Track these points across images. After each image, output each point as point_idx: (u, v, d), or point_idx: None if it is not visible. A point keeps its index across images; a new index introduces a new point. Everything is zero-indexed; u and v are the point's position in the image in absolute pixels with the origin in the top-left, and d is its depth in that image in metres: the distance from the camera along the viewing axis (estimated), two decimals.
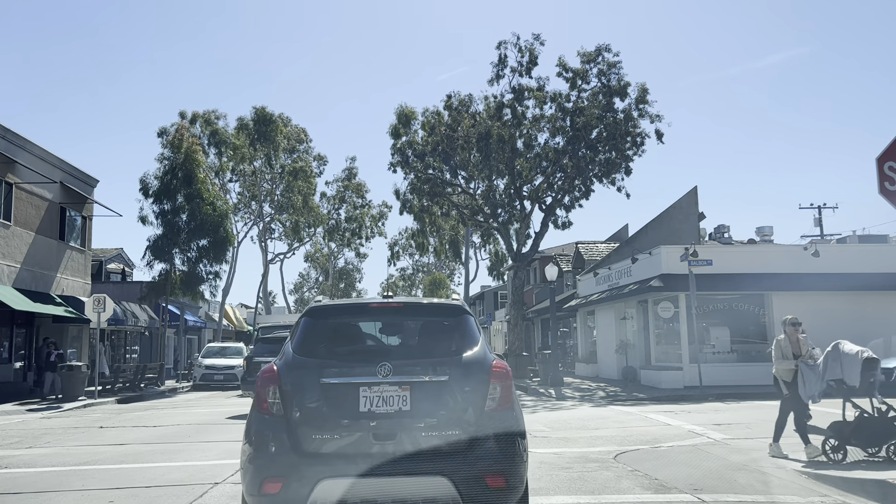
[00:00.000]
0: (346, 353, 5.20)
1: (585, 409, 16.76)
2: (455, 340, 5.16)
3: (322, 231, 57.13)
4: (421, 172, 30.20)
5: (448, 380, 4.78)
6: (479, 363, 4.93)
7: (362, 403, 4.69)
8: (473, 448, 4.62)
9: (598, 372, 28.25)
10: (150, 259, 30.22)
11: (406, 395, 4.71)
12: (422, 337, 5.49)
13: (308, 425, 4.65)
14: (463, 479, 4.46)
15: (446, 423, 4.68)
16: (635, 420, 13.89)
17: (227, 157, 40.43)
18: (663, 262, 22.10)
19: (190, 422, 15.66)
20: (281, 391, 4.74)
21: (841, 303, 21.39)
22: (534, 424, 13.52)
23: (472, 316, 5.41)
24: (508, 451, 4.68)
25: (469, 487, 4.47)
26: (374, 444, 4.60)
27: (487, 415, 4.73)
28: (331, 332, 5.35)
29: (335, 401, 4.70)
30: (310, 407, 4.71)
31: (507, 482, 4.59)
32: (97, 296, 22.33)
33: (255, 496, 4.56)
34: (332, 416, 4.66)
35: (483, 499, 4.52)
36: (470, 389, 4.78)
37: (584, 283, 30.32)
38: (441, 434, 4.64)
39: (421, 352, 5.22)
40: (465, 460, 4.56)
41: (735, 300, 22.47)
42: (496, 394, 4.80)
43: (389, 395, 4.70)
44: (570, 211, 29.62)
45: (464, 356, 4.98)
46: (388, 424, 4.64)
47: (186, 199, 29.74)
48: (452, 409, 4.73)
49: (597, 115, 26.65)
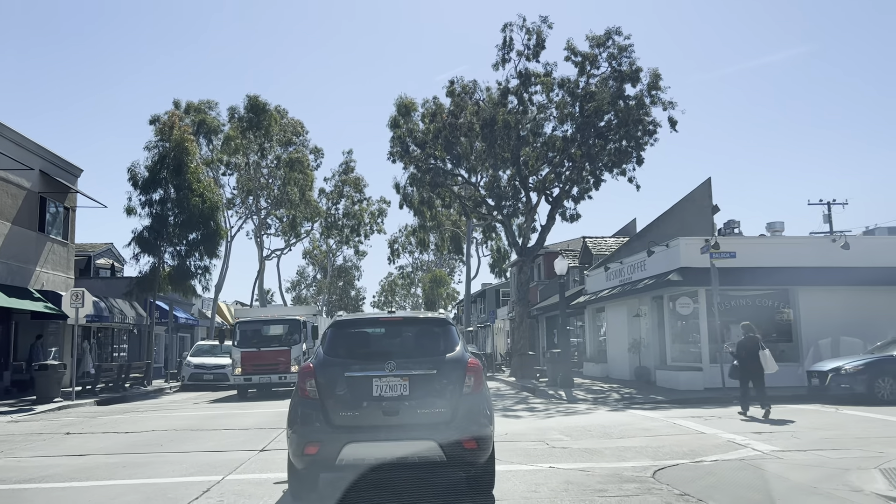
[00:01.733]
0: (362, 354, 6.80)
1: (602, 413, 15.29)
2: (441, 344, 6.87)
3: (320, 227, 55.63)
4: (422, 162, 28.68)
5: (436, 373, 6.52)
6: (458, 360, 6.66)
7: (374, 390, 6.39)
8: (454, 421, 6.33)
9: (607, 372, 26.77)
10: (136, 252, 28.68)
11: (406, 384, 6.41)
12: (416, 342, 7.07)
13: (336, 405, 6.35)
14: (446, 443, 6.17)
15: (434, 403, 6.41)
16: (663, 427, 12.41)
17: (220, 149, 38.82)
18: (682, 254, 20.62)
19: (167, 427, 14.18)
20: (317, 382, 6.45)
21: (873, 298, 19.93)
22: (550, 432, 12.05)
23: (453, 325, 7.20)
24: (479, 423, 6.41)
25: (451, 449, 6.19)
26: (383, 418, 6.31)
27: (464, 397, 6.44)
28: (351, 339, 7.03)
29: (355, 388, 6.41)
30: (337, 393, 6.41)
31: (478, 445, 6.33)
32: (75, 290, 20.85)
33: (299, 457, 6.32)
34: (353, 399, 6.38)
35: (460, 457, 6.31)
36: (451, 379, 6.50)
37: (594, 278, 28.83)
38: (431, 411, 6.38)
39: (416, 353, 6.80)
40: (447, 429, 6.25)
41: (758, 296, 20.98)
42: (470, 382, 6.52)
43: (394, 384, 6.41)
44: (578, 202, 28.14)
45: (447, 356, 6.71)
46: (393, 404, 6.35)
47: (176, 190, 28.22)
48: (439, 394, 6.45)
49: (608, 100, 25.11)
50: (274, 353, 22.62)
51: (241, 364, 22.64)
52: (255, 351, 22.71)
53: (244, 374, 22.47)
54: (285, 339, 23.22)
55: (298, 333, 23.32)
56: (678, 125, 27.13)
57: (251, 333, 23.54)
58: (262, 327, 23.99)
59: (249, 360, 22.52)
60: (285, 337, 23.30)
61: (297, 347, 22.97)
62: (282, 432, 10.96)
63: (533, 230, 29.59)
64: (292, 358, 22.64)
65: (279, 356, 22.60)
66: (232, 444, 11.49)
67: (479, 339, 54.07)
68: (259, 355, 22.59)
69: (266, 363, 22.44)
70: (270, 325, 24.10)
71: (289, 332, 23.36)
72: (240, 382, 22.76)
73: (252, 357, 22.57)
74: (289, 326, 23.52)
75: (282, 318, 24.28)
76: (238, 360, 22.82)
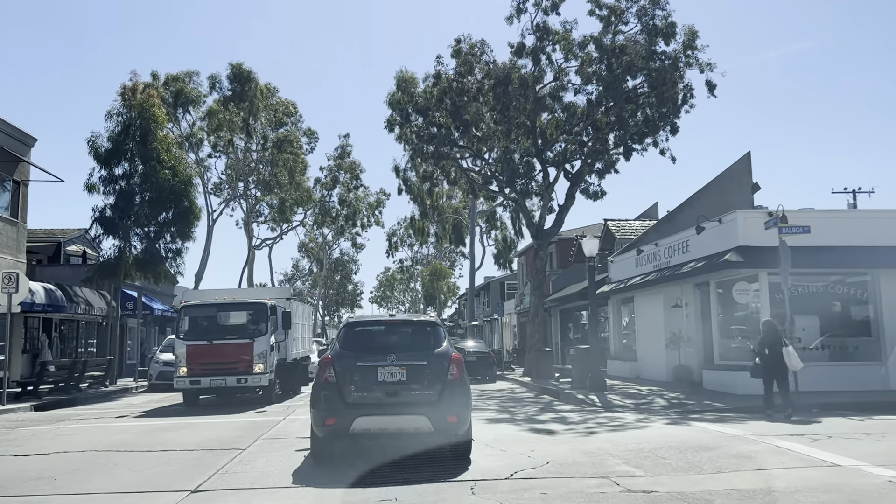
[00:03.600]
0: (370, 347, 8.91)
1: (661, 427, 11.81)
2: (431, 341, 9.00)
3: (313, 214, 52.08)
4: (423, 130, 25.11)
5: (426, 363, 8.63)
6: (444, 354, 8.78)
7: (379, 376, 8.47)
8: (440, 401, 8.41)
9: (637, 372, 23.29)
10: (98, 234, 25.13)
11: (403, 372, 8.50)
12: (411, 339, 9.16)
13: (349, 388, 8.44)
14: (434, 418, 8.28)
15: (425, 387, 8.50)
16: (764, 453, 8.91)
17: (201, 125, 35.22)
18: (739, 230, 17.11)
19: (89, 446, 10.66)
20: (334, 370, 8.52)
21: None
22: (608, 460, 8.55)
23: (441, 326, 9.41)
24: (460, 402, 8.50)
25: (438, 422, 8.30)
26: (385, 398, 8.43)
27: (448, 383, 8.52)
28: (360, 336, 9.20)
29: (364, 375, 8.49)
30: (350, 378, 8.48)
31: (458, 419, 8.44)
32: (7, 272, 17.33)
33: (320, 427, 8.51)
34: (362, 383, 8.46)
35: (445, 429, 8.40)
36: (438, 368, 8.60)
37: (620, 264, 25.29)
38: (422, 393, 8.47)
39: (411, 347, 8.88)
40: (435, 407, 8.35)
41: (828, 281, 17.51)
42: (453, 371, 8.59)
43: (394, 371, 8.48)
44: (603, 177, 24.63)
45: (435, 350, 8.83)
46: (393, 387, 8.46)
47: (143, 162, 24.67)
48: (428, 379, 8.54)
49: (644, 54, 21.55)
50: (232, 348, 17.17)
51: (186, 362, 17.08)
52: (207, 345, 17.21)
53: (191, 374, 17.04)
54: (247, 329, 17.58)
55: (265, 322, 17.68)
56: (717, 90, 23.70)
57: (202, 322, 17.91)
58: (218, 314, 18.08)
59: (198, 357, 17.06)
60: (247, 327, 17.63)
61: (262, 340, 17.43)
62: (238, 454, 9.63)
63: (550, 210, 26.09)
64: (255, 354, 17.18)
65: (239, 352, 17.10)
66: (158, 478, 8.05)
67: (486, 334, 50.48)
68: (212, 350, 17.10)
69: (221, 361, 17.06)
70: (229, 311, 18.19)
71: (252, 320, 17.69)
72: (185, 386, 17.24)
73: (202, 353, 17.07)
74: (252, 313, 17.78)
75: (243, 303, 18.43)
76: (183, 357, 17.21)
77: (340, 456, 8.89)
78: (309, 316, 27.23)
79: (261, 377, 17.22)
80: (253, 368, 17.12)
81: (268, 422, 13.66)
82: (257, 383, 17.27)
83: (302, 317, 23.37)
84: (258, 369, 17.19)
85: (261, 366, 17.23)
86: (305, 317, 25.08)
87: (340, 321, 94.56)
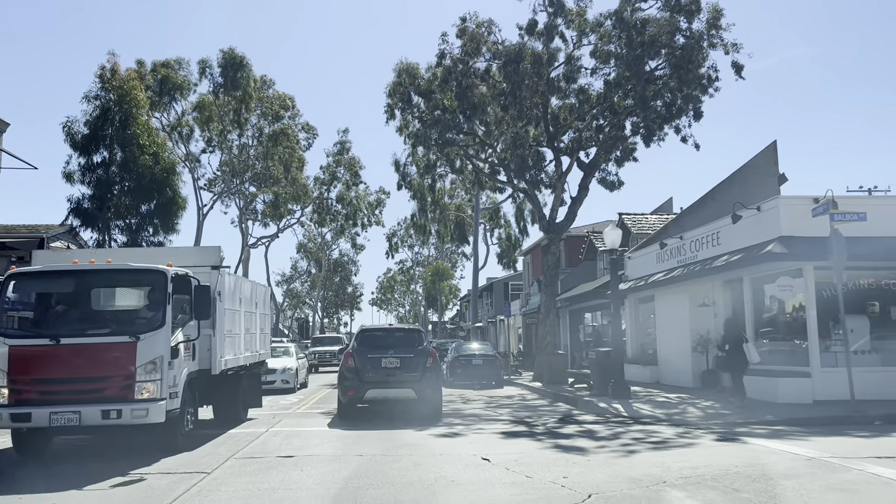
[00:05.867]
0: (376, 345, 14.23)
1: (711, 445, 9.94)
2: (416, 341, 14.47)
3: (311, 211, 50.22)
4: (427, 114, 23.25)
5: (413, 356, 13.93)
6: (425, 350, 14.21)
7: (382, 363, 13.82)
8: (422, 379, 13.73)
9: (657, 376, 21.42)
10: (74, 225, 23.30)
11: (398, 361, 13.83)
12: (404, 340, 14.56)
13: (363, 370, 13.80)
14: (418, 390, 13.68)
15: (412, 370, 13.79)
16: (860, 483, 7.05)
17: (189, 116, 33.34)
18: (782, 219, 15.23)
19: None
20: (354, 359, 13.92)
21: None
22: (665, 493, 6.63)
23: (423, 332, 15.50)
24: (434, 380, 14.04)
25: (420, 393, 13.70)
26: (386, 377, 13.75)
27: (427, 368, 13.86)
28: (370, 338, 14.67)
29: (373, 363, 13.85)
30: (364, 365, 13.85)
31: (433, 391, 13.92)
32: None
33: (344, 396, 13.91)
34: (372, 368, 13.81)
35: (425, 398, 13.74)
36: (421, 359, 13.92)
37: (639, 260, 23.42)
38: (410, 374, 13.76)
39: (403, 345, 14.21)
40: (419, 383, 13.70)
41: (883, 276, 15.63)
42: (431, 360, 13.98)
43: (392, 360, 13.83)
44: (622, 165, 22.77)
45: (418, 347, 14.21)
46: (392, 371, 13.78)
47: (122, 149, 22.83)
48: (415, 365, 13.84)
49: (668, 30, 19.69)
50: (94, 353, 9.46)
51: (9, 379, 9.39)
52: (49, 347, 9.42)
53: (16, 402, 9.32)
54: (128, 318, 10.22)
55: (161, 306, 9.82)
56: (744, 70, 21.85)
57: (46, 305, 10.44)
58: (75, 290, 10.29)
59: (32, 370, 9.45)
60: (129, 314, 10.41)
61: (154, 338, 9.60)
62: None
63: (561, 203, 24.24)
64: (140, 365, 9.45)
65: (107, 360, 9.48)
66: None
67: (491, 336, 48.47)
68: (57, 357, 9.44)
69: (72, 377, 9.39)
70: (93, 284, 10.34)
71: (138, 302, 10.55)
72: (5, 423, 9.44)
73: (40, 361, 9.46)
74: (139, 289, 10.55)
75: (122, 269, 10.36)
76: (3, 371, 9.42)
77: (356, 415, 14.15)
78: (265, 301, 16.47)
79: (149, 407, 9.36)
80: (134, 391, 9.41)
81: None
82: (141, 418, 9.34)
83: (249, 301, 14.24)
84: (146, 392, 9.44)
85: (151, 385, 9.46)
86: (258, 302, 15.19)
87: (340, 323, 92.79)
